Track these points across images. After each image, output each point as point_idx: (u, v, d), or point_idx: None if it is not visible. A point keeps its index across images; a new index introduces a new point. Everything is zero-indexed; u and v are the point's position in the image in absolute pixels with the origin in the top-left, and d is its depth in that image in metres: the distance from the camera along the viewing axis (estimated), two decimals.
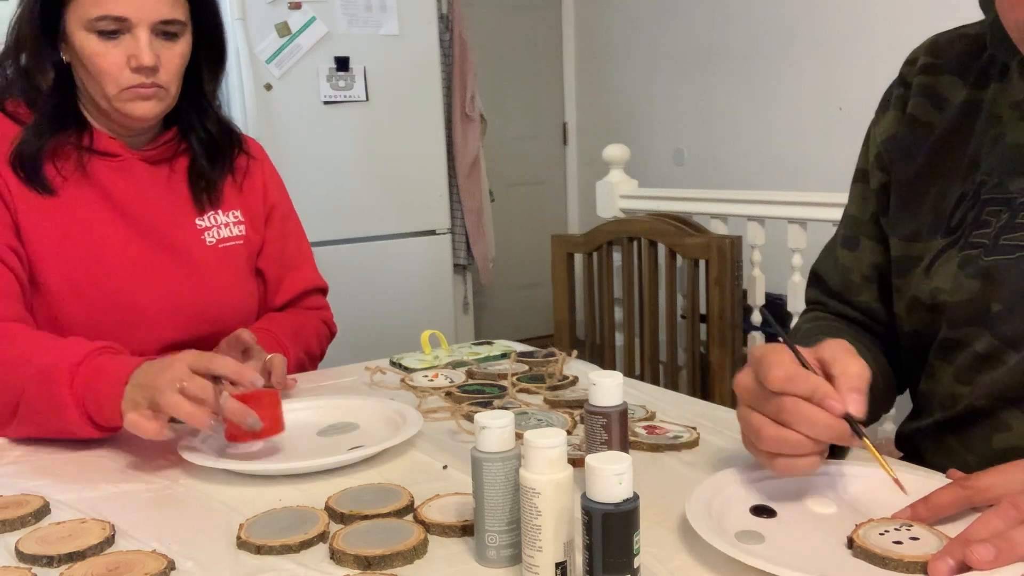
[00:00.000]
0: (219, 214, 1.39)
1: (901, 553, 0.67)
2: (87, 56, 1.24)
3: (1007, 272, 0.84)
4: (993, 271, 0.85)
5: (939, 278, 0.90)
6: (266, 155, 1.52)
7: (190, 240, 1.35)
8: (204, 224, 1.37)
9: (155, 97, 1.28)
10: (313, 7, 3.04)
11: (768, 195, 2.58)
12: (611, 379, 0.82)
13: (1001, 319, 0.84)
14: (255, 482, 0.92)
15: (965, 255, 0.87)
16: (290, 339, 1.38)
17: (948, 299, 0.89)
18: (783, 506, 0.78)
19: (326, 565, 0.73)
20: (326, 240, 3.11)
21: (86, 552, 0.75)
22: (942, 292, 0.90)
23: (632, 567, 0.63)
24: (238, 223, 1.40)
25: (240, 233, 1.40)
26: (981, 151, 0.90)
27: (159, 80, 1.27)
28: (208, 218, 1.37)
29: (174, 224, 1.34)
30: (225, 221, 1.39)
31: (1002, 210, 0.86)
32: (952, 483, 0.73)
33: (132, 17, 1.23)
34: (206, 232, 1.36)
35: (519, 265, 4.74)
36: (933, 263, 0.91)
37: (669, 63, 4.23)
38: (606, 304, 2.60)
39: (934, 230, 0.93)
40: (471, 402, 1.13)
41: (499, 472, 0.70)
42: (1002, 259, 0.84)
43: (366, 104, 3.17)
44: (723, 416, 1.08)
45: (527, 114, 4.82)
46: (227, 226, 1.39)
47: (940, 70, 0.98)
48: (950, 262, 0.89)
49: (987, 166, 0.89)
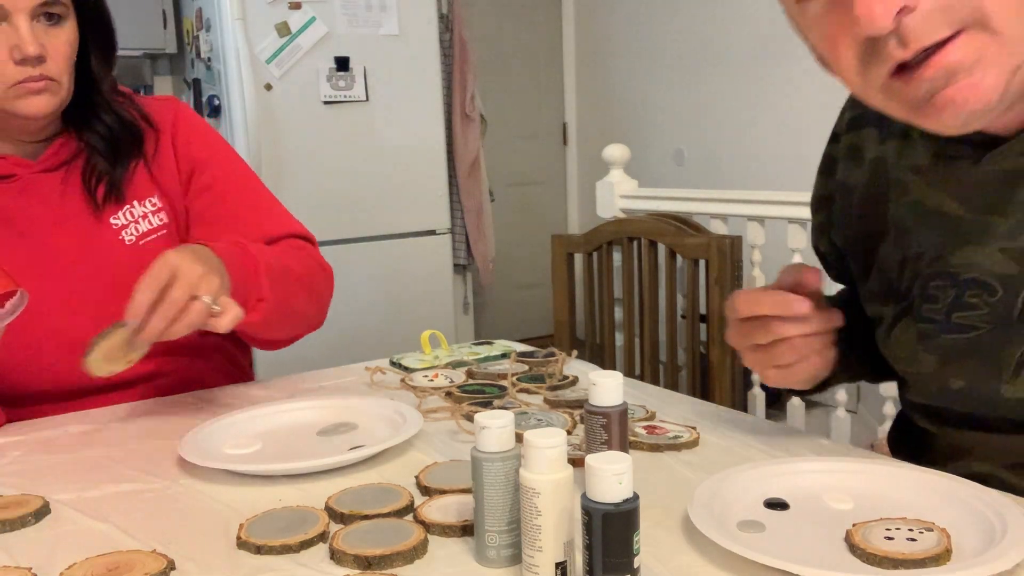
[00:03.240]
0: (135, 206, 1.26)
1: (890, 551, 0.67)
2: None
3: (965, 350, 0.83)
4: (951, 351, 0.84)
5: (899, 348, 0.90)
6: (181, 113, 1.34)
7: (107, 245, 1.24)
8: (119, 222, 1.25)
9: (47, 91, 1.15)
10: (313, 7, 3.04)
11: (768, 195, 2.58)
12: (611, 379, 0.82)
13: (962, 395, 0.84)
14: (255, 482, 0.91)
15: (921, 329, 0.86)
16: (258, 250, 1.19)
17: (908, 370, 0.90)
18: (798, 500, 0.78)
19: (326, 565, 0.73)
20: (326, 240, 3.09)
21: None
22: (901, 362, 0.90)
23: (632, 567, 0.63)
24: (156, 211, 1.27)
25: (162, 221, 1.27)
26: (905, 218, 0.88)
27: (48, 71, 1.14)
28: (123, 215, 1.25)
29: (87, 233, 1.23)
30: (143, 212, 1.26)
31: (947, 285, 0.84)
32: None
33: (7, 3, 1.10)
34: (123, 231, 1.25)
35: (519, 265, 4.74)
36: (892, 330, 0.90)
37: (669, 63, 4.23)
38: (606, 304, 2.60)
39: (886, 296, 0.92)
40: (471, 402, 1.13)
41: (499, 472, 0.70)
42: (959, 337, 0.83)
43: (366, 104, 3.17)
44: (723, 416, 1.08)
45: (527, 114, 4.82)
46: (144, 217, 1.26)
47: (862, 122, 0.94)
48: (908, 332, 0.88)
49: (920, 238, 0.87)
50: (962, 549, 0.69)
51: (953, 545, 0.68)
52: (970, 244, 0.82)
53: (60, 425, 1.15)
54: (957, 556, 0.68)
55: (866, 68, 0.69)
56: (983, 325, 0.82)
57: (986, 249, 0.81)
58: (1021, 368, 0.79)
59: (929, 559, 0.66)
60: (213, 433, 1.03)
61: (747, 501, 0.79)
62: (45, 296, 1.18)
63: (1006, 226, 0.79)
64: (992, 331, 0.81)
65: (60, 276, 1.21)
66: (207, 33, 3.06)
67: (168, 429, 1.10)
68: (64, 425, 1.15)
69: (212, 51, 3.03)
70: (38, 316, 1.14)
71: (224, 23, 2.92)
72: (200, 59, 3.14)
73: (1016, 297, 0.79)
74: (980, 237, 0.81)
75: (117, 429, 1.13)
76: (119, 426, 1.14)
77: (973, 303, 0.82)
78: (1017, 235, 0.79)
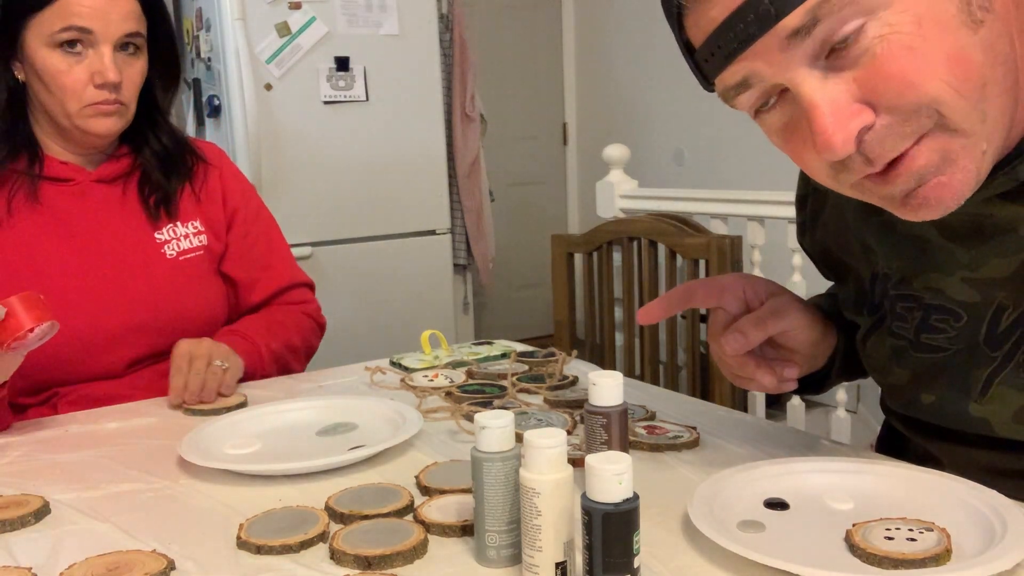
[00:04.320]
0: (178, 226, 1.38)
1: (890, 551, 0.67)
2: (49, 74, 1.24)
3: (935, 368, 0.83)
4: (922, 367, 0.84)
5: (874, 359, 0.90)
6: (225, 159, 1.50)
7: (150, 255, 1.35)
8: (163, 237, 1.37)
9: (116, 113, 1.28)
10: (313, 7, 3.04)
11: (768, 195, 2.58)
12: (611, 379, 0.82)
13: (933, 409, 0.85)
14: (255, 482, 0.91)
15: (893, 345, 0.87)
16: (261, 334, 1.38)
17: (882, 380, 0.90)
18: (798, 500, 0.78)
19: (326, 565, 0.73)
20: (326, 240, 3.11)
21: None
22: (876, 372, 0.91)
23: (632, 567, 0.63)
24: (198, 233, 1.40)
25: (201, 243, 1.40)
26: (870, 236, 0.88)
27: (121, 97, 1.27)
28: (167, 231, 1.37)
29: (132, 241, 1.34)
30: (184, 232, 1.39)
31: (914, 308, 0.84)
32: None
33: (97, 31, 1.23)
34: (166, 245, 1.36)
35: (519, 265, 4.74)
36: (867, 339, 0.91)
37: (669, 63, 4.22)
38: (606, 304, 2.60)
39: (860, 304, 0.92)
40: (471, 402, 1.13)
41: (499, 472, 0.70)
42: (927, 357, 0.84)
43: (366, 104, 3.17)
44: (723, 416, 1.08)
45: (527, 114, 4.82)
46: (187, 237, 1.39)
47: None
48: (882, 345, 0.88)
49: (884, 257, 0.87)
50: (962, 549, 0.69)
51: (953, 545, 0.68)
52: (935, 270, 0.82)
53: (60, 425, 1.15)
54: (957, 556, 0.68)
55: (836, 175, 0.69)
56: (950, 347, 0.82)
57: (949, 278, 0.81)
58: (988, 388, 0.80)
59: (929, 559, 0.66)
60: (213, 433, 1.03)
61: (747, 501, 0.79)
62: (82, 293, 1.28)
63: (966, 258, 0.79)
64: (959, 352, 0.81)
65: (100, 277, 1.31)
66: (207, 33, 3.06)
67: (168, 429, 1.10)
68: (64, 425, 1.15)
69: (212, 51, 3.03)
70: (72, 311, 1.23)
71: (224, 23, 2.92)
72: (200, 59, 3.14)
73: (981, 323, 0.79)
74: (944, 264, 0.81)
75: (117, 429, 1.13)
76: (119, 426, 1.14)
77: (939, 327, 0.83)
78: (977, 267, 0.79)
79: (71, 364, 1.27)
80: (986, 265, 0.78)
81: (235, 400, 1.19)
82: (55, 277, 1.27)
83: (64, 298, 1.24)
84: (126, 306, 1.30)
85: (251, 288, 1.46)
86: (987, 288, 0.78)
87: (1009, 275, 0.77)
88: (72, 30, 1.22)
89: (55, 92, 1.25)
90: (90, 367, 1.27)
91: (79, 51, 1.24)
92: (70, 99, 1.25)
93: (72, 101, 1.25)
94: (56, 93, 1.25)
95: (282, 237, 1.54)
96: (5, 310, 1.00)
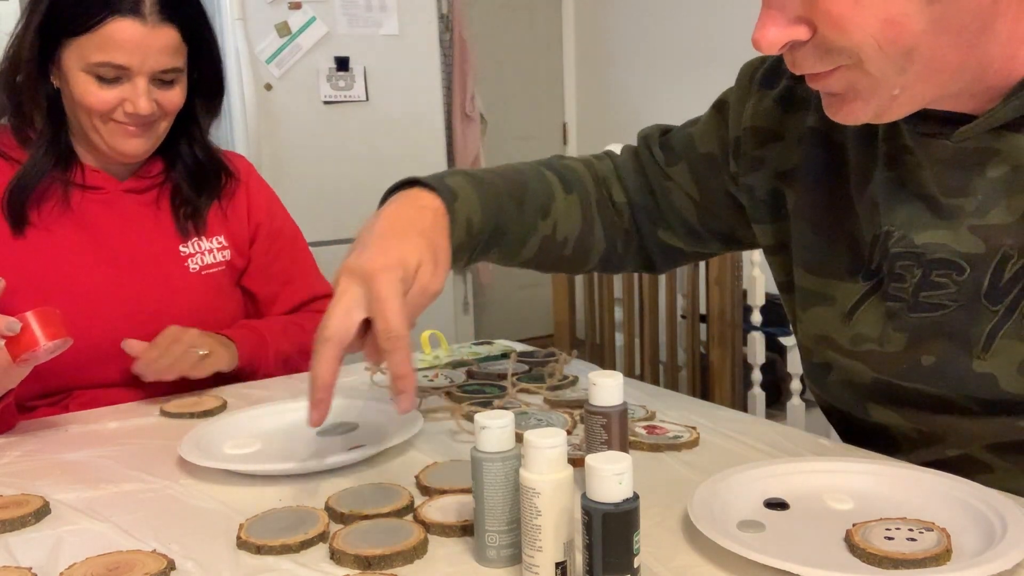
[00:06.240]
0: (203, 240, 1.39)
1: (890, 551, 0.67)
2: (78, 94, 1.24)
3: (934, 328, 0.83)
4: (919, 329, 0.84)
5: (864, 326, 0.89)
6: (252, 172, 1.51)
7: (173, 268, 1.36)
8: (188, 251, 1.38)
9: (143, 135, 1.29)
10: (313, 7, 3.04)
11: None
12: (611, 379, 0.82)
13: (934, 372, 0.84)
14: (255, 482, 0.92)
15: (889, 307, 0.86)
16: (274, 333, 1.38)
17: (876, 348, 0.88)
18: (798, 500, 0.79)
19: (326, 565, 0.73)
20: (326, 240, 3.09)
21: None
22: (868, 341, 0.89)
23: (632, 567, 0.63)
24: (222, 248, 1.41)
25: (224, 259, 1.41)
26: (879, 192, 0.88)
27: (151, 119, 1.28)
28: (192, 244, 1.38)
29: (157, 253, 1.35)
30: (209, 247, 1.40)
31: (913, 265, 0.84)
32: None
33: (134, 67, 1.23)
34: (190, 259, 1.37)
35: None
36: (856, 310, 0.90)
37: (669, 63, 4.23)
38: (606, 304, 2.60)
39: (853, 271, 0.90)
40: (471, 402, 1.13)
41: (499, 472, 0.70)
42: (926, 316, 0.84)
43: (366, 104, 3.17)
44: (723, 416, 1.08)
45: (527, 114, 4.81)
46: (211, 252, 1.40)
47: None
48: (875, 311, 0.88)
49: (889, 215, 0.86)
50: (962, 549, 0.69)
51: (953, 545, 0.68)
52: (939, 224, 0.83)
53: (60, 425, 1.15)
54: (957, 556, 0.68)
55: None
56: (950, 304, 0.82)
57: (955, 229, 0.82)
58: (991, 343, 0.80)
59: (929, 559, 0.66)
60: (213, 433, 1.03)
61: (747, 501, 0.79)
62: (102, 301, 1.29)
63: (974, 204, 0.81)
64: (960, 309, 0.82)
65: (122, 286, 1.32)
66: None
67: (168, 429, 1.10)
68: (64, 425, 1.15)
69: None
70: (91, 318, 1.25)
71: (224, 23, 2.92)
72: None
73: (984, 275, 0.80)
74: (949, 217, 0.82)
75: (117, 429, 1.13)
76: (119, 426, 1.14)
77: (940, 282, 0.83)
78: (984, 213, 0.80)
79: (87, 370, 1.27)
80: (995, 208, 0.80)
81: (213, 403, 1.18)
82: (78, 282, 1.28)
83: (84, 304, 1.25)
84: (146, 316, 1.30)
85: (271, 302, 1.47)
86: (994, 235, 0.80)
87: (1016, 220, 0.79)
88: (108, 67, 1.22)
89: (83, 109, 1.26)
90: (106, 374, 1.28)
91: (113, 80, 1.24)
92: (97, 118, 1.26)
93: (97, 118, 1.26)
94: (84, 110, 1.26)
95: (306, 249, 1.54)
96: (21, 324, 1.01)
